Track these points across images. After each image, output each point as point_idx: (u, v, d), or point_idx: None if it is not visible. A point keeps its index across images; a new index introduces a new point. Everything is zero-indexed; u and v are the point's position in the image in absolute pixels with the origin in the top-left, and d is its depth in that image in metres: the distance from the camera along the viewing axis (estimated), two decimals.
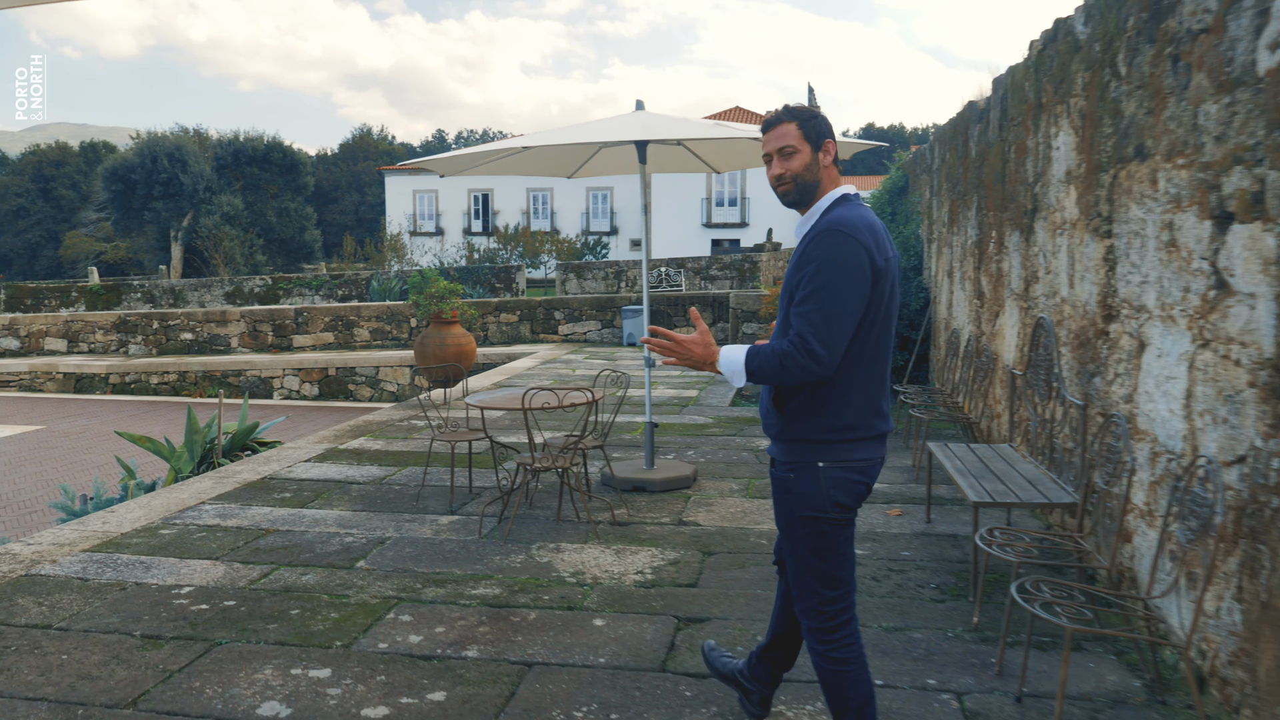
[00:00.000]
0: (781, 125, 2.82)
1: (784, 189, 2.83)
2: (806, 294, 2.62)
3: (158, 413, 15.87)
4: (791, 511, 2.79)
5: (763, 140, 2.90)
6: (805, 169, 2.79)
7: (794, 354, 2.60)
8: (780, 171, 2.81)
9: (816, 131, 2.82)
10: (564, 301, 18.15)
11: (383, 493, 6.71)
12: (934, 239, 11.38)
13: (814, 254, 2.63)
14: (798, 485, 2.76)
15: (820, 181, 2.82)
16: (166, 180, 44.22)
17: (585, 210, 52.40)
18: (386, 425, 9.35)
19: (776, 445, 2.86)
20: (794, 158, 2.79)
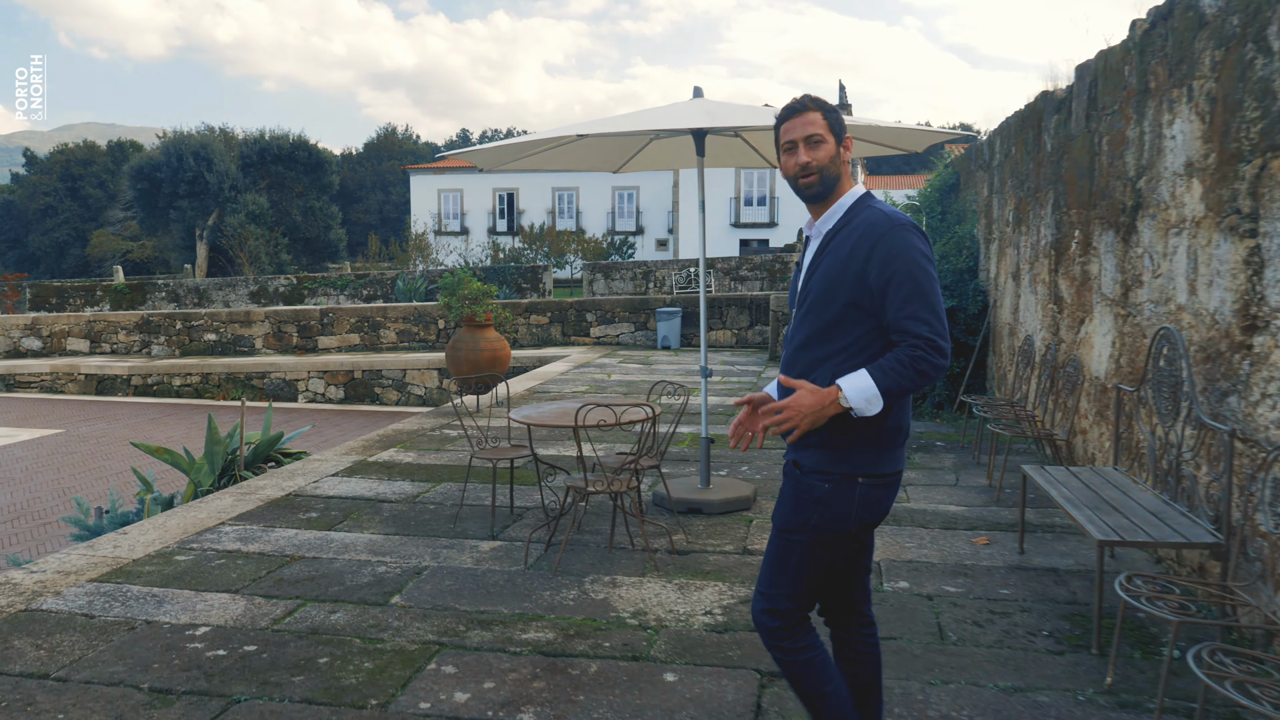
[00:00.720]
0: (808, 113, 2.70)
1: (809, 180, 2.69)
2: (907, 294, 2.51)
3: (179, 416, 15.46)
4: (807, 519, 2.65)
5: (783, 128, 2.75)
6: (831, 161, 2.67)
7: (927, 355, 2.49)
8: (807, 160, 2.67)
9: (839, 125, 2.72)
10: (596, 303, 17.61)
11: (417, 513, 6.19)
12: (994, 239, 10.75)
13: (893, 251, 2.53)
14: (830, 499, 2.62)
15: (840, 177, 2.71)
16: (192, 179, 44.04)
17: (611, 209, 51.92)
18: (417, 435, 8.84)
19: (813, 452, 2.65)
20: (821, 147, 2.67)
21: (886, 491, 2.67)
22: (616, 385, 12.27)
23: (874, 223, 2.58)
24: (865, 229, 2.58)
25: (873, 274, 2.54)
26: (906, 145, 6.70)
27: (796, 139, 2.69)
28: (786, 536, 2.70)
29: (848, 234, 2.62)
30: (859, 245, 2.57)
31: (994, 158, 10.87)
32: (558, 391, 11.68)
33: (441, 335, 18.05)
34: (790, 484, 2.73)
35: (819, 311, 2.63)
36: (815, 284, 2.66)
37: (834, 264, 2.61)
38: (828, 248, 2.67)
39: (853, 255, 2.57)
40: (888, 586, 4.79)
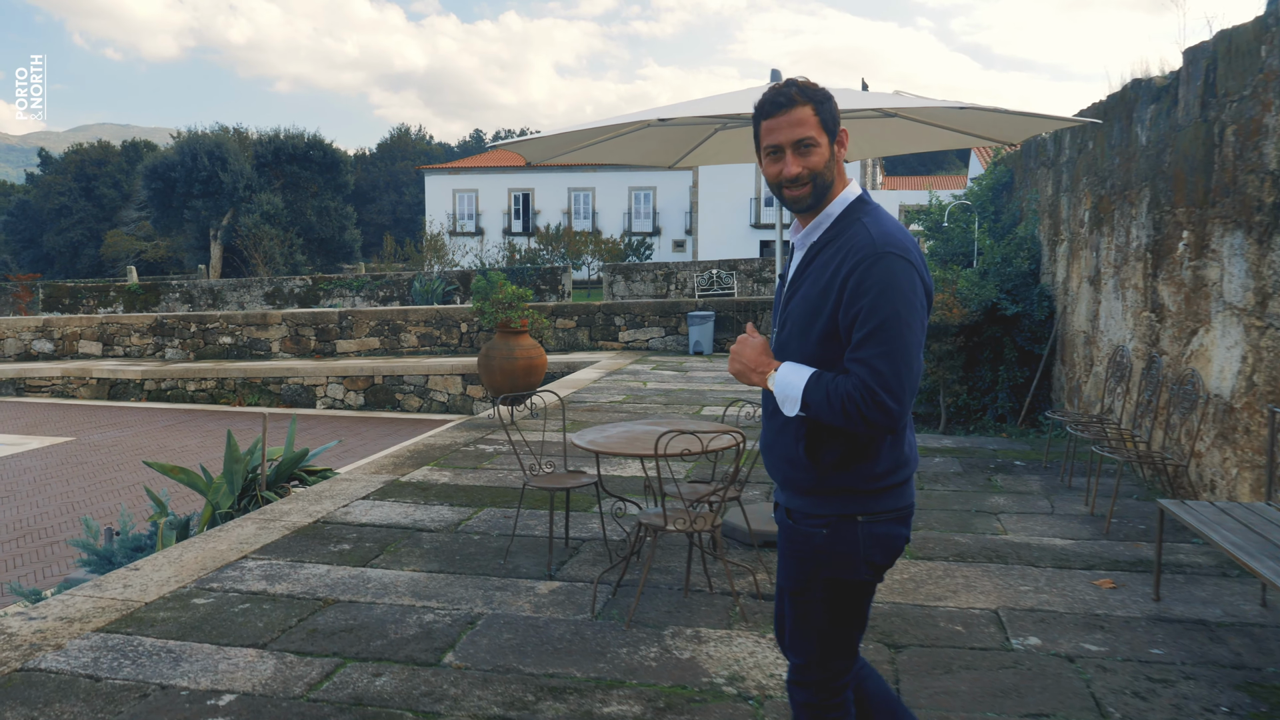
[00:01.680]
0: (795, 109, 2.25)
1: (799, 193, 2.29)
2: (866, 334, 2.16)
3: (194, 424, 14.87)
4: (813, 574, 2.34)
5: (764, 127, 2.31)
6: (825, 167, 2.27)
7: (861, 405, 2.16)
8: (798, 171, 2.26)
9: (833, 118, 2.29)
10: (624, 306, 16.97)
11: (461, 545, 5.54)
12: (1061, 240, 10.06)
13: (867, 283, 2.16)
14: (830, 545, 2.31)
15: (833, 182, 2.31)
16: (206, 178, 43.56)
17: (627, 210, 51.32)
18: (451, 451, 8.20)
19: (802, 497, 2.36)
20: (813, 153, 2.26)
21: (895, 527, 2.35)
22: (655, 395, 11.61)
23: (858, 245, 2.21)
24: (848, 251, 2.22)
25: (844, 307, 2.21)
26: (1001, 135, 6.02)
27: (782, 143, 2.27)
28: (797, 600, 2.39)
29: (832, 253, 2.26)
30: (839, 270, 2.22)
31: (1061, 154, 10.18)
32: (594, 402, 11.03)
33: (464, 339, 17.44)
34: (784, 536, 2.41)
35: (797, 340, 2.32)
36: (795, 308, 2.33)
37: (813, 289, 2.28)
38: (809, 267, 2.32)
39: (831, 282, 2.23)
40: (1016, 643, 4.12)
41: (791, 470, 2.36)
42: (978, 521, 6.09)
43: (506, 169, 52.15)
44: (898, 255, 2.19)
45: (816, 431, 2.29)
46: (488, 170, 52.40)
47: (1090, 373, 8.90)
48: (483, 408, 15.60)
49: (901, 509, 2.35)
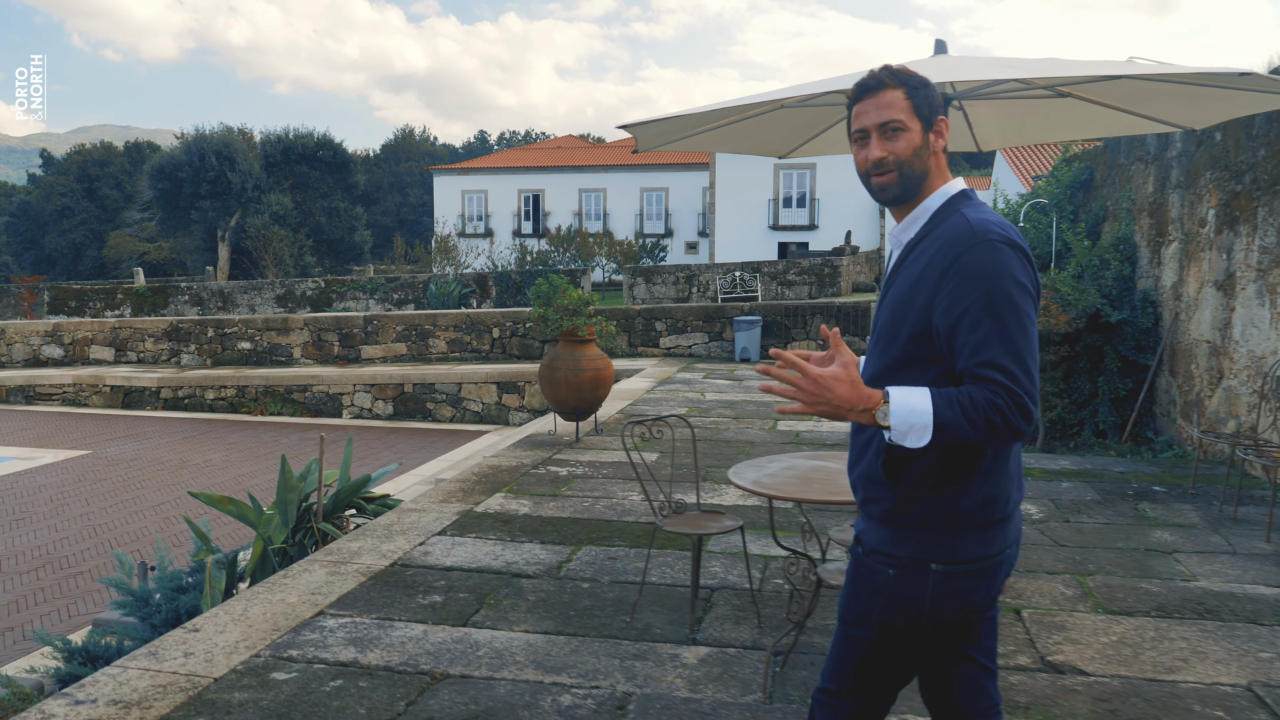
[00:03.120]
0: (884, 92, 2.05)
1: (884, 180, 2.06)
2: (986, 333, 1.88)
3: (216, 435, 14.05)
4: (869, 612, 2.07)
5: (854, 111, 2.11)
6: (914, 155, 2.04)
7: (1008, 414, 1.85)
8: (881, 155, 2.04)
9: (929, 104, 2.06)
10: (666, 311, 16.15)
11: (571, 595, 4.72)
12: (1170, 241, 9.25)
13: (971, 276, 1.90)
14: (896, 588, 2.03)
15: (929, 172, 2.07)
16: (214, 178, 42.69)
17: (639, 211, 50.66)
18: (520, 475, 7.38)
19: (877, 527, 2.08)
20: (900, 138, 2.03)
21: (975, 582, 2.04)
22: (718, 407, 10.80)
23: (954, 235, 1.99)
24: (943, 243, 2.00)
25: (941, 305, 1.95)
26: (1188, 119, 5.19)
27: (868, 127, 2.09)
28: (848, 629, 2.18)
29: (925, 248, 2.05)
30: (933, 265, 2.00)
31: (1168, 148, 9.36)
32: (655, 415, 10.20)
33: (496, 345, 16.61)
34: (851, 563, 2.20)
35: (885, 345, 2.08)
36: (885, 310, 2.10)
37: (904, 285, 2.06)
38: (903, 265, 2.10)
39: (923, 278, 2.01)
40: None
41: (869, 489, 2.11)
42: (1156, 564, 5.28)
43: (516, 170, 51.45)
44: (1001, 241, 1.96)
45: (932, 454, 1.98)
46: (497, 171, 51.69)
47: (1219, 386, 8.08)
48: (519, 417, 14.79)
49: (989, 558, 2.04)
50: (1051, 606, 4.64)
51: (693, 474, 7.41)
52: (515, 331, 16.49)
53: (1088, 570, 5.18)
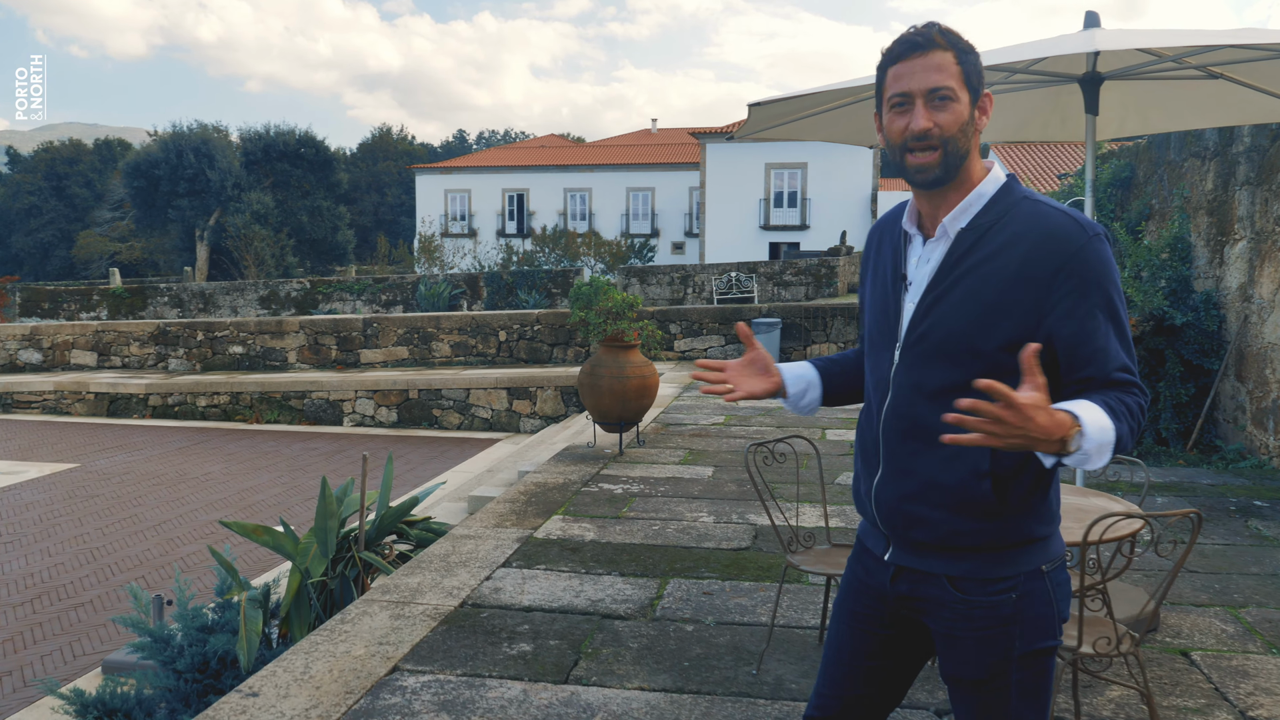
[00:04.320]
0: (934, 53, 1.75)
1: (926, 158, 1.76)
2: (1111, 335, 1.74)
3: (212, 445, 13.32)
4: (1005, 654, 1.80)
5: (892, 72, 1.78)
6: (960, 130, 1.75)
7: (1144, 414, 1.73)
8: (927, 126, 1.74)
9: (979, 74, 1.79)
10: (681, 313, 15.58)
11: (679, 642, 4.13)
12: (1236, 240, 8.79)
13: (1092, 276, 1.72)
14: (1027, 609, 1.80)
15: (970, 153, 1.79)
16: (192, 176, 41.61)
17: (625, 211, 50.18)
18: (573, 493, 6.78)
19: (972, 558, 1.81)
20: (949, 108, 1.74)
21: (1067, 573, 1.90)
22: (756, 416, 10.24)
23: (1057, 229, 1.72)
24: (1042, 237, 1.72)
25: (1059, 309, 1.71)
26: None
27: (913, 91, 1.74)
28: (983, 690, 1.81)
29: (1007, 241, 1.74)
30: (1032, 262, 1.71)
31: (1234, 143, 8.90)
32: (695, 425, 9.64)
33: (502, 349, 15.96)
34: (951, 615, 1.81)
35: (953, 355, 1.76)
36: (947, 312, 1.76)
37: (990, 286, 1.73)
38: (966, 258, 1.76)
39: (1021, 276, 1.72)
40: None
41: (962, 520, 1.81)
42: None
43: (500, 169, 50.78)
44: (1106, 236, 1.79)
45: (1005, 461, 1.77)
46: (480, 170, 50.99)
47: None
48: (530, 424, 14.16)
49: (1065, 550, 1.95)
50: (1219, 647, 4.11)
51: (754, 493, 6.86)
52: (522, 334, 15.87)
53: (1235, 601, 4.67)
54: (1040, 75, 4.46)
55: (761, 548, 5.50)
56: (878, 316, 1.93)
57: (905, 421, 1.85)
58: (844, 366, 2.13)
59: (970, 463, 1.78)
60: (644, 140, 56.04)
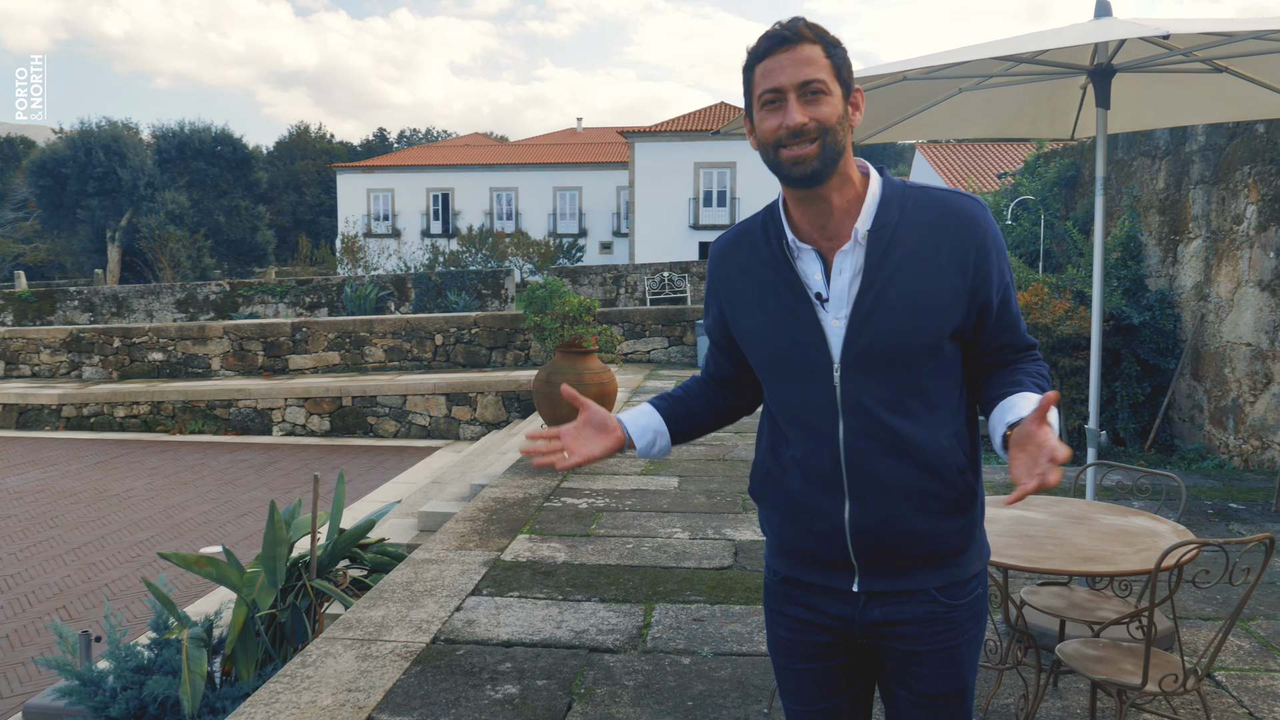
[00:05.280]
0: (802, 46, 1.70)
1: (804, 150, 1.68)
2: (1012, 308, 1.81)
3: (132, 458, 12.58)
4: (977, 646, 1.84)
5: (759, 69, 1.72)
6: (838, 123, 1.70)
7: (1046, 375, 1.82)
8: (803, 121, 1.68)
9: (847, 67, 1.75)
10: (623, 314, 15.26)
11: (674, 676, 3.81)
12: (1191, 239, 8.80)
13: (1001, 247, 1.76)
14: (984, 607, 1.86)
15: (846, 150, 1.73)
16: (102, 175, 39.84)
17: (552, 210, 49.72)
18: (535, 510, 6.41)
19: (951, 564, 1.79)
20: (823, 101, 1.69)
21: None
22: None
23: (962, 211, 1.73)
24: (955, 223, 1.72)
25: (985, 283, 1.73)
26: None
27: (784, 85, 1.69)
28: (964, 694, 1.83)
29: (924, 233, 1.71)
30: (956, 247, 1.71)
31: (1188, 142, 8.91)
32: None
33: (439, 353, 15.45)
34: (938, 631, 1.77)
35: (903, 359, 1.71)
36: (889, 317, 1.69)
37: (921, 280, 1.69)
38: (886, 260, 1.70)
39: (953, 262, 1.70)
40: None
41: (951, 521, 1.76)
42: None
43: (424, 168, 49.87)
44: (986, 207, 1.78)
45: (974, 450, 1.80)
46: (404, 169, 50.02)
47: (1265, 392, 7.62)
48: (470, 431, 13.69)
49: None
50: (1241, 666, 3.95)
51: (728, 503, 6.59)
52: (459, 338, 15.37)
53: (1242, 614, 4.51)
54: (1046, 67, 4.25)
55: (745, 566, 5.21)
56: (785, 343, 1.79)
57: (877, 441, 1.74)
58: (692, 405, 2.02)
59: (953, 461, 1.76)
60: (570, 139, 55.62)
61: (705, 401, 2.03)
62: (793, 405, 1.82)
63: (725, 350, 1.99)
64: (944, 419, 1.77)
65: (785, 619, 1.90)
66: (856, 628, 1.82)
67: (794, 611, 1.88)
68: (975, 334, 1.79)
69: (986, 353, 1.82)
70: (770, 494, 1.88)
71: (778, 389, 1.84)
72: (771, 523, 1.91)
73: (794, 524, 1.84)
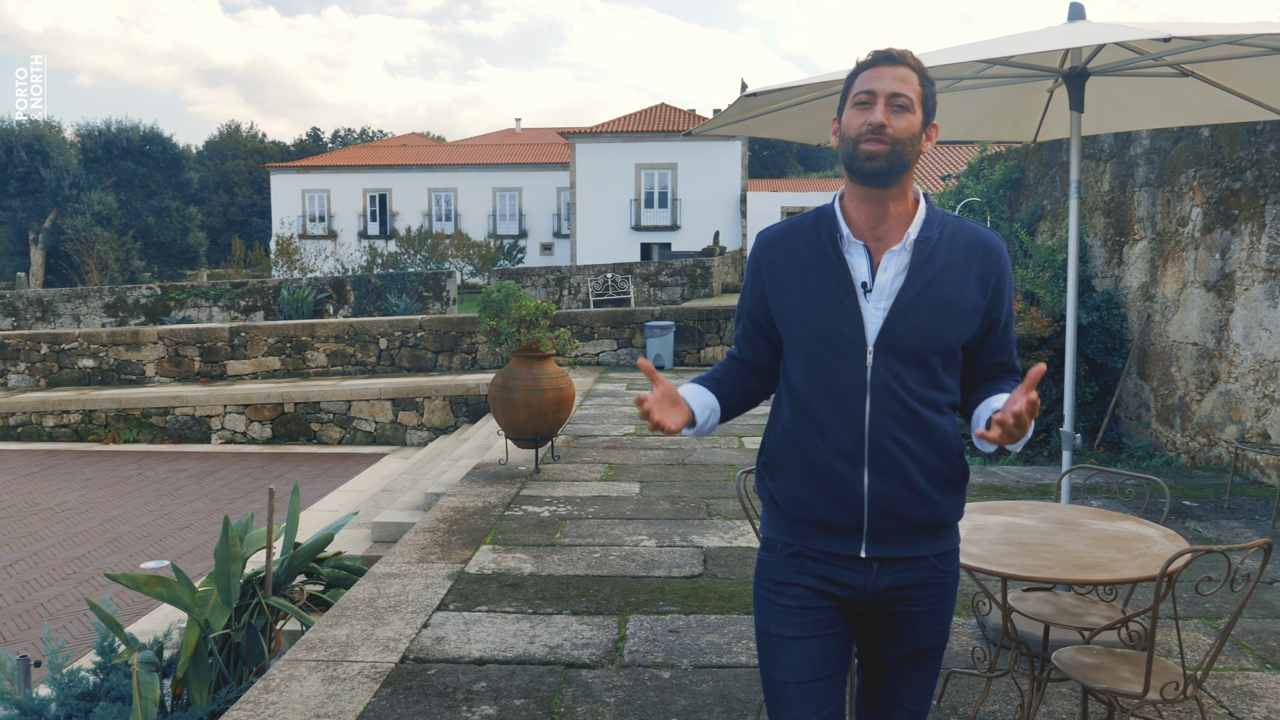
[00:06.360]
0: (903, 68, 1.98)
1: (878, 147, 1.93)
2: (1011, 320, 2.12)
3: (64, 469, 12.11)
4: (954, 607, 2.11)
5: (862, 76, 1.99)
6: (910, 140, 1.95)
7: None
8: (883, 122, 1.93)
9: (933, 102, 2.03)
10: (572, 316, 15.10)
11: (654, 690, 3.72)
12: (1136, 240, 8.95)
13: (1010, 282, 2.07)
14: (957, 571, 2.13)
15: (910, 168, 1.99)
16: (24, 175, 38.46)
17: (492, 212, 49.25)
18: (497, 519, 6.26)
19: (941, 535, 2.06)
20: (905, 116, 1.95)
21: None
22: None
23: (990, 242, 2.05)
24: (983, 251, 2.03)
25: (996, 306, 2.05)
26: None
27: (878, 91, 1.95)
28: (935, 662, 2.11)
29: (959, 253, 2.00)
30: (982, 271, 2.01)
31: (1132, 145, 9.07)
32: (605, 436, 9.22)
33: (383, 357, 15.15)
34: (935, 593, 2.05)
35: (927, 353, 1.97)
36: (923, 316, 1.96)
37: (952, 290, 1.98)
38: (927, 267, 1.98)
39: (975, 285, 2.00)
40: None
41: (949, 496, 2.03)
42: (1272, 598, 4.74)
43: (360, 168, 49.07)
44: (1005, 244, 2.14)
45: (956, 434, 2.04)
46: (340, 169, 49.14)
47: (1212, 390, 7.77)
48: (417, 437, 13.44)
49: None
50: (1216, 666, 3.97)
51: (692, 509, 6.52)
52: (405, 342, 15.10)
53: (1209, 612, 4.58)
54: (1019, 69, 4.24)
55: (716, 574, 5.14)
56: (825, 324, 1.99)
57: (898, 418, 1.96)
58: (733, 386, 2.19)
59: (956, 445, 2.02)
60: (509, 140, 55.18)
61: (744, 384, 2.19)
62: (824, 381, 2.00)
63: (763, 332, 2.13)
64: (950, 409, 2.05)
65: (794, 589, 2.04)
66: (865, 595, 2.02)
67: (804, 581, 2.03)
68: (979, 347, 2.07)
69: (982, 366, 2.10)
70: (790, 462, 2.04)
71: (812, 365, 2.01)
72: (786, 492, 2.05)
73: (815, 490, 2.00)
